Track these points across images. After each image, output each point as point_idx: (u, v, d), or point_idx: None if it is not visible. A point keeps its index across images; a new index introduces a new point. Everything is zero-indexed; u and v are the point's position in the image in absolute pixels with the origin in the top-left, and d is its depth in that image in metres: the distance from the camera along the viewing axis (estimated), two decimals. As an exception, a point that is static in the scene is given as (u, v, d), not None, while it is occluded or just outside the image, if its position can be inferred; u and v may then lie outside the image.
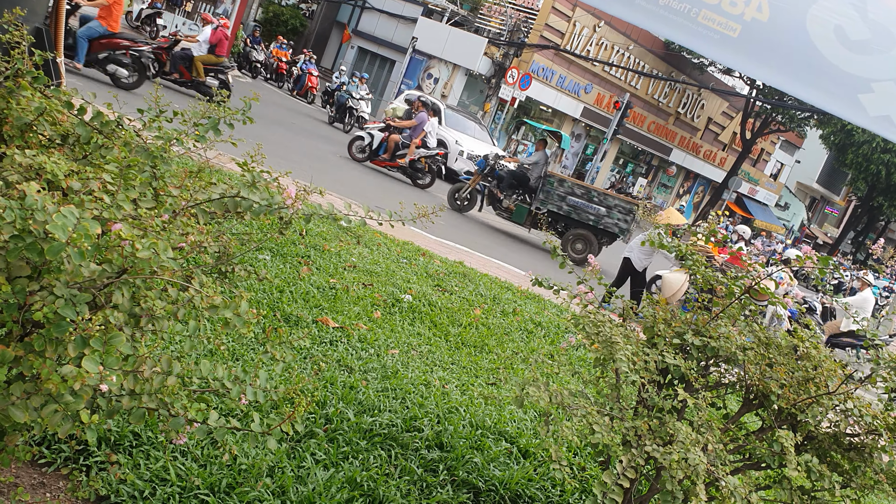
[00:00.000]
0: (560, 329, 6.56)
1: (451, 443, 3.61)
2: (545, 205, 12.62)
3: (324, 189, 2.42)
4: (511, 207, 13.00)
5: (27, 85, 1.97)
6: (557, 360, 3.10)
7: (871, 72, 3.10)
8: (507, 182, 13.08)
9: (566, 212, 12.55)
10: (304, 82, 24.89)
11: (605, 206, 12.49)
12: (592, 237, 12.61)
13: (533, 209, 12.72)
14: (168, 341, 3.57)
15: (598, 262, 12.56)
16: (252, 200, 1.84)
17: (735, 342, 2.83)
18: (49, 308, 1.43)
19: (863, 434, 2.75)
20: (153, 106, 2.11)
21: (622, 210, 12.43)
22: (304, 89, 24.90)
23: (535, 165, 13.13)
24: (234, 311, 1.69)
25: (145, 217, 1.64)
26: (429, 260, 7.52)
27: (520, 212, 12.84)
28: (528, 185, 13.09)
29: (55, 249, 1.30)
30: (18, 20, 2.12)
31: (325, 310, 4.85)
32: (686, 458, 2.31)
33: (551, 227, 12.97)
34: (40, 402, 1.48)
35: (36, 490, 2.48)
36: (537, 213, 12.73)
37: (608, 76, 29.63)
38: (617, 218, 12.46)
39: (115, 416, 1.68)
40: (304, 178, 3.15)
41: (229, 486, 2.75)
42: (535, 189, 12.88)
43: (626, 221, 12.43)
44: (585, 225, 12.59)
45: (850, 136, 32.69)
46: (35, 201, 1.32)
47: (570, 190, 12.58)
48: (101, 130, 1.95)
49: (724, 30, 3.39)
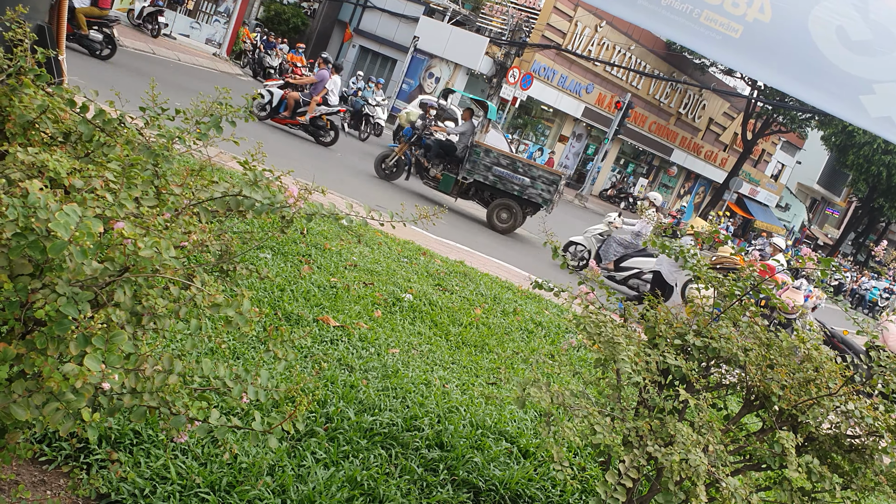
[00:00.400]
0: (561, 329, 6.56)
1: (451, 442, 3.61)
2: (472, 174, 12.71)
3: (325, 188, 2.42)
4: (438, 176, 13.04)
5: (30, 83, 1.97)
6: (558, 361, 3.11)
7: (872, 73, 3.09)
8: (435, 151, 13.11)
9: (492, 182, 12.66)
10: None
11: (529, 177, 12.64)
12: (517, 207, 12.75)
13: (460, 178, 12.82)
14: (169, 340, 3.57)
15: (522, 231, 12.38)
16: (254, 199, 1.84)
17: (736, 343, 2.83)
18: (51, 306, 1.43)
19: (863, 435, 2.75)
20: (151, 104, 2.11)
21: (546, 181, 12.60)
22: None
23: (462, 135, 13.14)
24: (236, 310, 1.69)
25: (147, 215, 1.64)
26: (429, 259, 7.52)
27: (447, 181, 12.91)
28: (454, 155, 13.14)
29: (57, 247, 1.30)
30: (21, 18, 2.12)
31: (326, 309, 4.85)
32: (687, 459, 2.31)
33: (478, 196, 13.10)
34: (42, 399, 1.48)
35: (37, 488, 2.48)
36: (464, 183, 12.85)
37: (609, 76, 29.62)
38: (541, 188, 12.62)
39: (116, 415, 1.68)
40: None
41: (230, 484, 2.75)
42: (462, 159, 12.94)
43: (549, 192, 12.61)
44: (511, 195, 12.74)
45: (851, 138, 32.66)
46: (38, 199, 1.32)
47: (496, 160, 12.69)
48: (103, 128, 1.95)
49: (725, 30, 3.38)
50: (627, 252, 11.45)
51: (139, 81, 13.04)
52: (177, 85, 14.16)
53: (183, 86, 14.53)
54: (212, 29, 25.18)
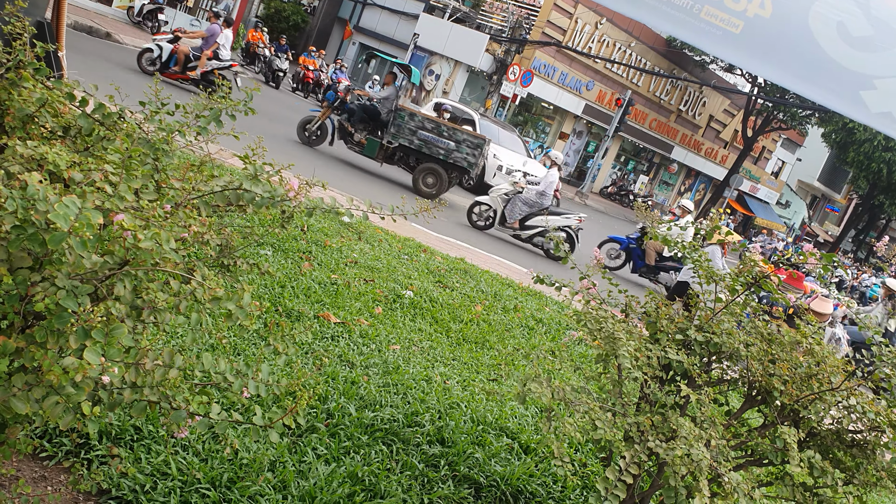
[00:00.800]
0: (561, 325, 6.56)
1: (452, 438, 3.60)
2: (396, 138, 12.65)
3: (326, 182, 2.42)
4: (362, 141, 12.93)
5: (29, 76, 1.96)
6: (559, 357, 3.10)
7: (873, 68, 3.09)
8: (358, 116, 12.96)
9: (417, 146, 12.61)
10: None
11: (454, 141, 12.60)
12: (443, 172, 12.72)
13: (384, 143, 12.75)
14: (170, 335, 3.56)
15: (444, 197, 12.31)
16: (255, 193, 1.83)
17: (738, 338, 2.83)
18: (51, 299, 1.42)
19: (865, 431, 2.74)
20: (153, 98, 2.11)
21: (471, 145, 12.58)
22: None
23: (386, 99, 13.02)
24: (236, 304, 1.68)
25: (147, 208, 1.63)
26: (430, 256, 7.51)
27: (371, 146, 12.82)
28: (379, 119, 13.01)
29: (57, 238, 1.30)
30: (20, 12, 2.11)
31: (327, 305, 4.85)
32: (689, 454, 2.30)
33: (403, 161, 13.03)
34: (42, 393, 1.47)
35: (37, 483, 2.48)
36: (389, 147, 12.78)
37: (610, 73, 29.60)
38: (466, 153, 12.61)
39: (117, 410, 1.68)
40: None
41: (231, 480, 2.75)
42: (387, 123, 12.84)
43: (474, 156, 12.58)
44: (436, 159, 12.70)
45: (851, 135, 32.63)
46: (37, 191, 1.32)
47: (421, 124, 12.63)
48: (102, 122, 1.94)
49: (726, 26, 3.37)
50: (532, 211, 11.50)
51: (139, 77, 13.03)
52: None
53: (182, 84, 14.50)
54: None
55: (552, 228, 11.42)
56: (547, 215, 11.57)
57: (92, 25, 16.64)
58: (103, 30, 16.91)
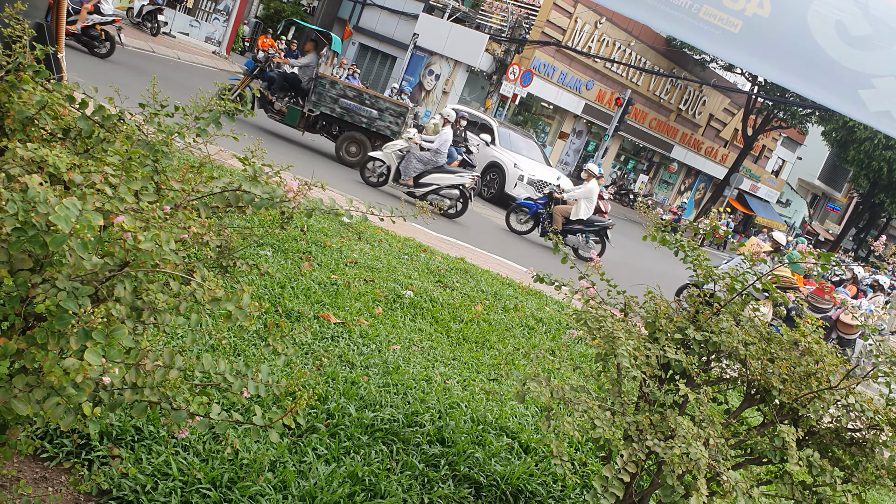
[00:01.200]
0: (561, 325, 6.56)
1: (452, 438, 3.61)
2: (318, 107, 12.59)
3: (325, 183, 2.43)
4: (283, 110, 12.85)
5: (29, 79, 1.97)
6: (559, 356, 3.11)
7: (871, 67, 3.09)
8: (279, 84, 12.90)
9: (339, 114, 12.55)
10: None
11: (377, 109, 12.58)
12: (366, 140, 12.68)
13: (306, 111, 12.67)
14: (170, 335, 3.57)
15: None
16: (254, 194, 1.84)
17: (736, 337, 2.83)
18: (51, 301, 1.43)
19: (864, 429, 2.75)
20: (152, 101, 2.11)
21: (394, 113, 12.58)
22: None
23: (307, 67, 12.94)
24: (236, 304, 1.69)
25: (147, 210, 1.64)
26: (430, 256, 7.52)
27: (292, 114, 12.74)
28: (299, 88, 12.95)
29: (58, 240, 1.31)
30: (19, 15, 2.12)
31: (327, 305, 4.85)
32: (687, 453, 2.31)
33: (325, 130, 12.97)
34: (43, 394, 1.48)
35: (38, 484, 2.49)
36: (310, 116, 12.72)
37: (609, 73, 29.59)
38: (389, 121, 12.61)
39: (117, 411, 1.68)
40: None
41: (231, 480, 2.76)
42: (308, 91, 12.78)
43: (397, 125, 12.58)
44: (359, 128, 12.68)
45: (851, 133, 32.61)
46: (37, 194, 1.32)
47: (343, 92, 12.57)
48: (102, 124, 1.95)
49: (725, 26, 3.38)
50: (427, 168, 11.51)
51: (139, 79, 13.03)
52: (176, 83, 14.12)
53: (182, 83, 14.53)
54: (211, 27, 25.15)
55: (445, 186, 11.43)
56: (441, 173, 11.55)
57: (92, 27, 16.61)
58: (103, 31, 16.88)
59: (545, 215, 12.48)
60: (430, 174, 11.54)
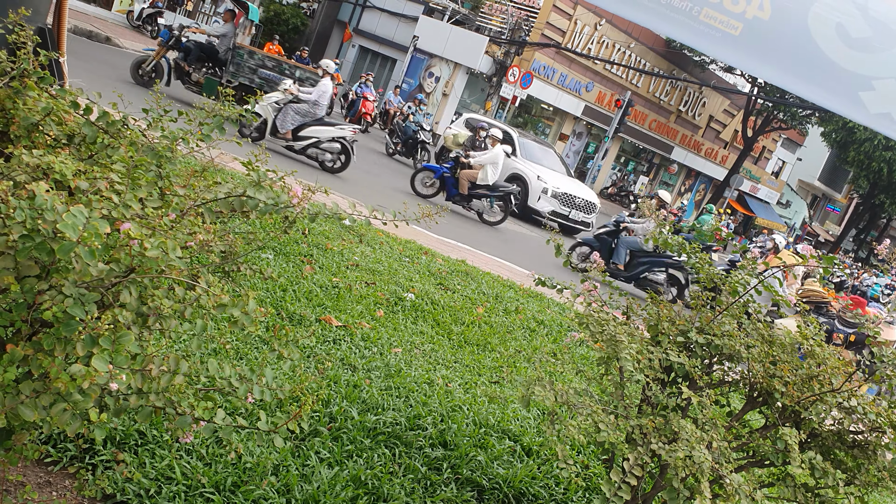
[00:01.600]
0: (563, 328, 6.57)
1: (454, 441, 3.62)
2: (236, 77, 12.41)
3: (328, 188, 2.43)
4: (200, 81, 12.67)
5: (33, 85, 1.98)
6: (561, 359, 3.11)
7: (871, 69, 3.10)
8: (195, 55, 12.68)
9: (258, 84, 12.33)
10: (358, 108, 20.99)
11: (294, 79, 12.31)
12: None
13: (223, 82, 12.49)
14: (174, 340, 3.58)
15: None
16: (258, 199, 1.84)
17: (739, 340, 2.84)
18: (58, 307, 1.44)
19: (866, 431, 2.75)
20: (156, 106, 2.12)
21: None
22: (357, 116, 20.90)
23: (224, 37, 12.75)
24: (241, 310, 1.70)
25: (153, 216, 1.65)
26: (431, 258, 7.52)
27: (210, 85, 12.54)
28: (217, 58, 12.77)
29: (66, 248, 1.31)
30: (23, 20, 2.12)
31: (329, 309, 4.86)
32: (691, 456, 2.32)
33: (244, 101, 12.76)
34: (49, 400, 1.49)
35: (42, 489, 2.49)
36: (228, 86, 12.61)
37: (609, 74, 29.61)
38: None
39: (122, 415, 1.69)
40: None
41: (235, 484, 2.76)
42: (225, 61, 12.61)
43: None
44: None
45: (851, 134, 32.63)
46: (45, 201, 1.33)
47: (261, 62, 12.38)
48: (106, 130, 1.96)
49: (725, 28, 3.38)
50: (305, 121, 11.32)
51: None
52: (176, 84, 14.10)
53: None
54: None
55: (326, 139, 11.24)
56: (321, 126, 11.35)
57: (91, 30, 16.67)
58: (103, 34, 16.94)
59: (451, 179, 12.38)
60: (309, 127, 11.26)
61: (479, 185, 12.33)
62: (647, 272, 11.14)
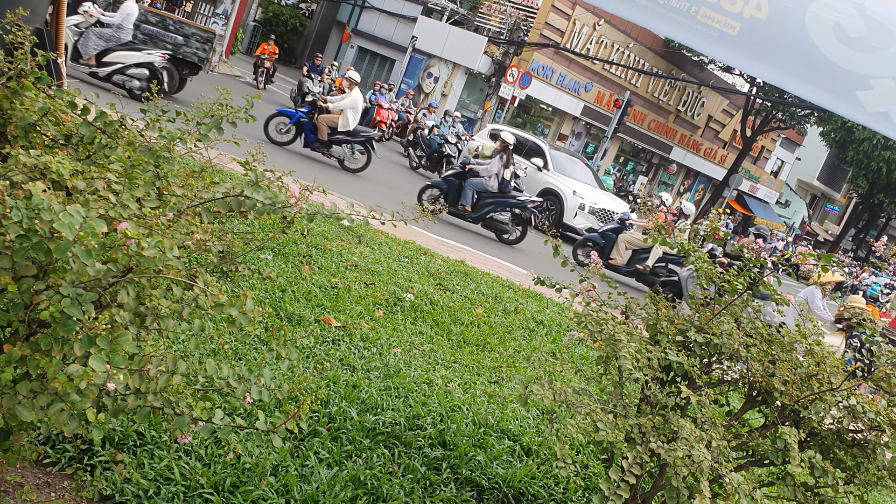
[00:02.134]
0: (562, 328, 6.57)
1: (454, 441, 3.61)
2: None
3: (326, 188, 2.43)
4: None
5: (31, 85, 1.97)
6: (560, 358, 3.11)
7: (869, 69, 3.10)
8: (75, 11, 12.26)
9: (142, 41, 11.94)
10: (373, 116, 19.95)
11: (182, 35, 12.03)
12: (173, 68, 11.92)
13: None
14: (172, 340, 3.57)
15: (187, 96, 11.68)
16: (256, 199, 1.84)
17: (738, 339, 2.84)
18: (55, 307, 1.44)
19: (866, 430, 2.75)
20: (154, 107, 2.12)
21: (200, 39, 12.06)
22: (371, 124, 19.74)
23: None
24: (239, 309, 1.69)
25: (150, 216, 1.65)
26: (430, 259, 7.52)
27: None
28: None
29: (62, 247, 1.31)
30: (20, 20, 2.12)
31: (328, 309, 4.86)
32: (690, 455, 2.31)
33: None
34: (46, 401, 1.48)
35: (41, 490, 2.49)
36: None
37: (608, 74, 29.62)
38: (196, 47, 12.09)
39: (120, 416, 1.69)
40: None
41: (233, 484, 2.76)
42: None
43: (204, 51, 12.05)
44: None
45: (850, 134, 32.65)
46: (41, 201, 1.33)
47: (144, 17, 11.98)
48: (104, 130, 1.95)
49: (723, 28, 3.39)
50: (109, 46, 10.95)
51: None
52: None
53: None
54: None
55: (132, 64, 10.89)
56: (127, 51, 11.01)
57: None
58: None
59: (308, 125, 11.87)
60: (113, 52, 10.87)
61: (340, 130, 11.86)
62: (492, 213, 11.23)
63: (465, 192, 11.15)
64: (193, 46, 12.08)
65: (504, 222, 11.37)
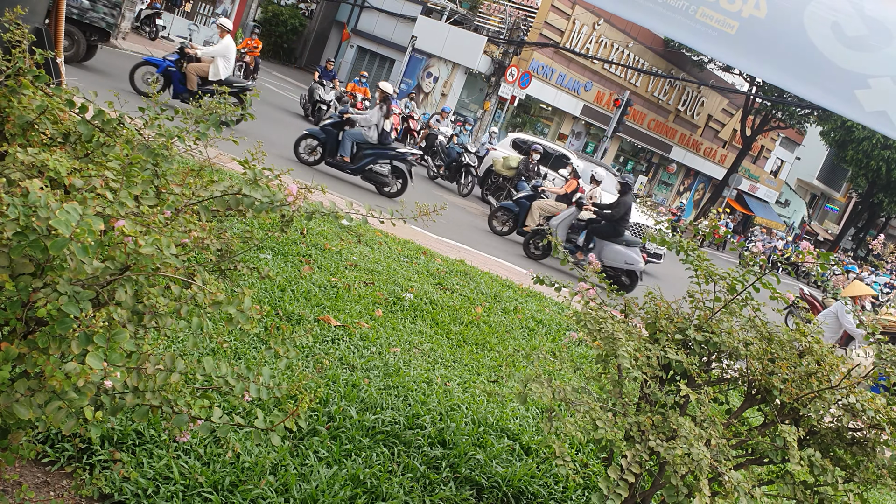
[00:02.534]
0: (561, 327, 6.57)
1: (453, 440, 3.61)
2: None
3: (325, 187, 2.43)
4: None
5: (29, 84, 1.97)
6: (559, 357, 3.11)
7: (867, 68, 3.10)
8: None
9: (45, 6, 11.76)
10: (407, 127, 19.42)
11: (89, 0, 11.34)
12: (79, 34, 11.36)
13: None
14: (171, 339, 3.57)
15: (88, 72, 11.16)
16: (254, 197, 1.84)
17: (737, 337, 2.84)
18: (52, 305, 1.43)
19: (865, 429, 2.75)
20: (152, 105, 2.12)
21: (108, 4, 11.47)
22: (403, 137, 19.18)
23: None
24: (237, 307, 1.69)
25: (148, 214, 1.64)
26: (430, 258, 7.52)
27: None
28: None
29: (59, 244, 1.31)
30: (19, 19, 2.12)
31: (327, 308, 4.85)
32: (690, 453, 2.31)
33: None
34: (44, 398, 1.48)
35: (40, 488, 2.49)
36: None
37: (608, 74, 29.61)
38: (103, 12, 11.50)
39: (119, 415, 1.69)
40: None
41: (233, 483, 2.76)
42: None
43: (112, 16, 11.51)
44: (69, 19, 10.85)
45: (850, 133, 32.63)
46: (38, 198, 1.33)
47: None
48: (102, 128, 1.95)
49: (722, 27, 3.39)
50: None
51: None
52: None
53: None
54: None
55: None
56: None
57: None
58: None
59: (178, 74, 11.29)
60: None
61: (211, 80, 11.35)
62: (372, 164, 10.99)
63: (343, 142, 10.84)
64: (101, 11, 11.46)
65: (384, 174, 11.11)
